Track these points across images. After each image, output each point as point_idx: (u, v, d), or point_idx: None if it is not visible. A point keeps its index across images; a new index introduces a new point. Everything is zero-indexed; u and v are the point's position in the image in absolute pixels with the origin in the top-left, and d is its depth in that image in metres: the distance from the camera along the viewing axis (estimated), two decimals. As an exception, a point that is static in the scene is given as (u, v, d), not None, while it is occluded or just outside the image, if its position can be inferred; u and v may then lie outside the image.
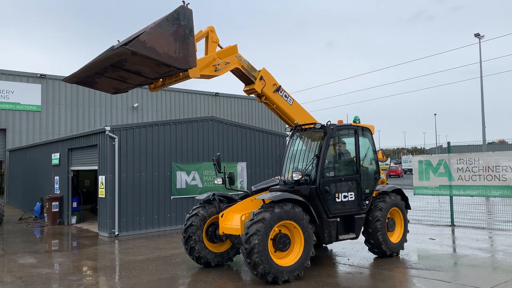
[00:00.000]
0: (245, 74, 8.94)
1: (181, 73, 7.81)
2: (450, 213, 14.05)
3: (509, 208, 15.71)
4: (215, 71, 8.37)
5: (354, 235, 8.89)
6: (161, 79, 8.23)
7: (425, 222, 14.80)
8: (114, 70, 7.56)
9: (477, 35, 32.74)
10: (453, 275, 7.83)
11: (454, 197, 14.08)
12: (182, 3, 7.27)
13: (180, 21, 7.14)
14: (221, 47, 8.72)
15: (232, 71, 8.83)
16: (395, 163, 58.91)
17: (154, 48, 6.68)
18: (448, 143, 14.43)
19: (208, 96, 35.99)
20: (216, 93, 36.19)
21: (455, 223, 13.85)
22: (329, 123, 8.60)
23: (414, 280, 7.79)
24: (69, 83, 8.41)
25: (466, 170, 13.57)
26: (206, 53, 8.52)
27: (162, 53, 6.80)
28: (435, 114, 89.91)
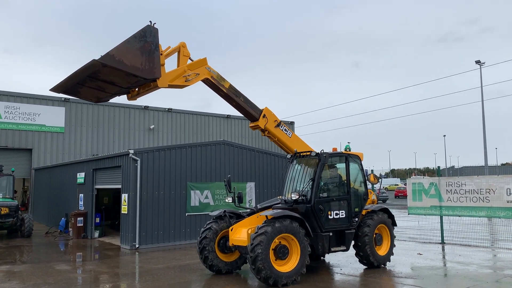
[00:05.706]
0: (215, 84, 9.71)
1: (151, 83, 8.85)
2: (440, 231, 15.33)
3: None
4: (185, 81, 9.18)
5: (344, 248, 10.32)
6: (136, 89, 9.31)
7: (419, 239, 16.06)
8: (92, 81, 8.44)
9: (477, 62, 34.30)
10: (427, 282, 9.18)
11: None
12: (149, 23, 8.44)
13: (146, 38, 8.28)
14: (192, 60, 9.47)
15: (203, 81, 9.60)
16: (404, 184, 60.02)
17: (122, 61, 7.84)
18: (438, 167, 15.85)
19: (220, 118, 37.81)
20: (227, 115, 38.01)
21: (445, 241, 15.10)
22: (322, 151, 10.15)
23: (393, 285, 9.19)
24: (56, 92, 8.97)
25: (454, 192, 14.92)
26: (178, 65, 9.31)
27: (129, 65, 7.96)
28: (444, 136, 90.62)
